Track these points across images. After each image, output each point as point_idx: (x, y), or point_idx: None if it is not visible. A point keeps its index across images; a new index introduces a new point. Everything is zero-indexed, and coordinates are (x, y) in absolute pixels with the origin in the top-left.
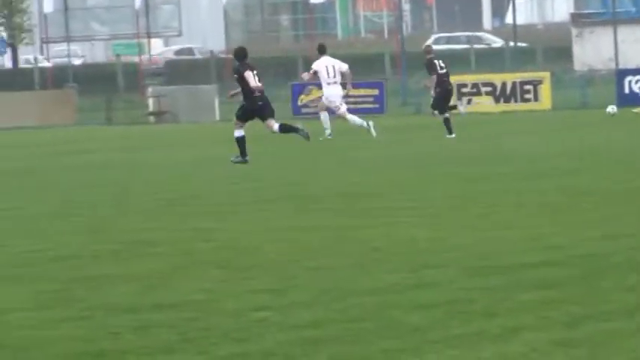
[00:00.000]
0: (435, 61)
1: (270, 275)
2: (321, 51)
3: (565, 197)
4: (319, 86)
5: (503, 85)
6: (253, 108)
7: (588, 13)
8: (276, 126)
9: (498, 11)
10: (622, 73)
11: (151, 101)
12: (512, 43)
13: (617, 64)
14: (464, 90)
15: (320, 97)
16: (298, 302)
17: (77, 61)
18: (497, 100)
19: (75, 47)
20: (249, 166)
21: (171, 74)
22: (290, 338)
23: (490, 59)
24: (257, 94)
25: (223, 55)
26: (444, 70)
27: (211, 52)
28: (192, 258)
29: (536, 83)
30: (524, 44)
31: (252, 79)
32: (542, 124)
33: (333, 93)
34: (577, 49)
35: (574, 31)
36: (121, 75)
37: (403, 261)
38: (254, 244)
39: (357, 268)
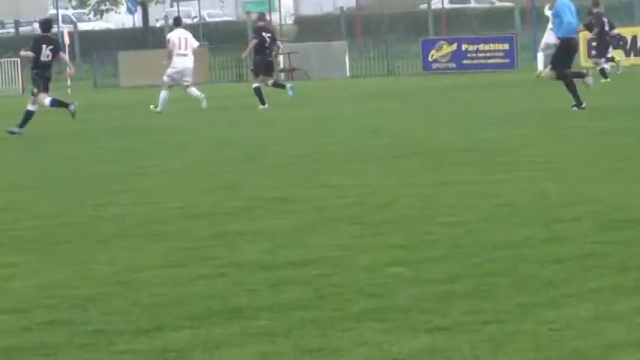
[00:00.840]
0: (604, 19)
1: (403, 231)
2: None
3: None
4: (449, 41)
5: (634, 38)
6: None
7: None
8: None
9: None
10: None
11: (281, 58)
12: None
13: None
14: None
15: (450, 53)
16: (431, 257)
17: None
18: (627, 54)
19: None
20: (380, 122)
21: (300, 31)
22: (424, 293)
23: (619, 12)
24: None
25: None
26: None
27: (342, 8)
28: (326, 214)
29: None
30: None
31: None
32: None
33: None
34: None
35: None
36: (250, 33)
37: (535, 215)
38: (387, 199)
39: (490, 223)
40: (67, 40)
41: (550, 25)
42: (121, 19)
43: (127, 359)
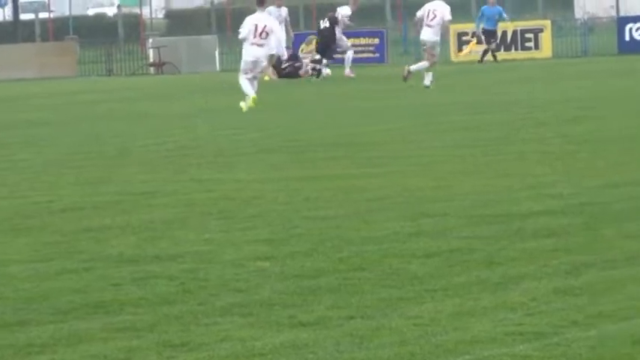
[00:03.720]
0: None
1: (270, 225)
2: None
3: (566, 145)
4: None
5: (504, 33)
6: None
7: None
8: None
9: None
10: (623, 21)
11: (151, 52)
12: None
13: (617, 12)
14: (465, 38)
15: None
16: (298, 252)
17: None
18: (498, 49)
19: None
20: (250, 116)
21: (171, 24)
22: (289, 288)
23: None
24: None
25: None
26: None
27: (212, 1)
28: (193, 209)
29: (537, 31)
30: None
31: None
32: (543, 73)
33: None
34: None
35: None
36: (121, 26)
37: (403, 210)
38: (254, 194)
39: (357, 217)
40: None
41: (427, 22)
42: None
43: None
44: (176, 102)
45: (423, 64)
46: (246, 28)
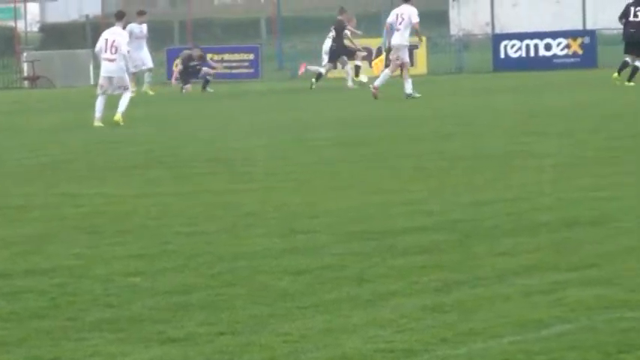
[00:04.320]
0: (631, 8)
1: (142, 240)
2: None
3: (440, 162)
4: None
5: (379, 49)
6: None
7: None
8: None
9: None
10: (498, 38)
11: (25, 66)
12: None
13: (492, 29)
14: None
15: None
16: (169, 268)
17: None
18: (372, 65)
19: None
20: (127, 130)
21: (46, 38)
22: (159, 304)
23: (368, 23)
24: None
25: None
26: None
27: (87, 15)
28: (64, 223)
29: (412, 48)
30: None
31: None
32: (419, 89)
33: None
34: (453, 14)
35: None
36: None
37: (275, 226)
38: (127, 209)
39: (230, 233)
40: None
41: (396, 26)
42: None
43: None
44: (50, 116)
45: (386, 73)
46: (99, 42)
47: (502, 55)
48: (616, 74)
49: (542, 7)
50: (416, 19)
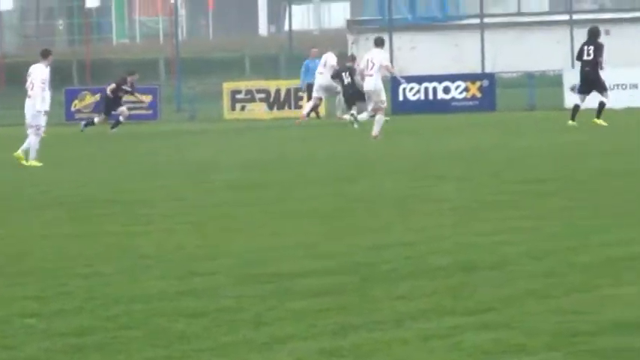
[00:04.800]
0: (584, 47)
1: (39, 282)
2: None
3: (339, 204)
4: (92, 91)
5: (277, 91)
6: None
7: (364, 20)
8: None
9: (275, 17)
10: (397, 81)
11: None
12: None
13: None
14: (238, 97)
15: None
16: (65, 309)
17: None
18: (270, 107)
19: None
20: (28, 171)
21: None
22: (55, 346)
23: (265, 65)
24: None
25: None
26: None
27: None
28: None
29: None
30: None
31: None
32: (319, 131)
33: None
34: None
35: (350, 38)
36: None
37: (172, 268)
38: (24, 250)
39: (127, 275)
40: None
41: (368, 72)
42: None
43: None
44: None
45: (380, 118)
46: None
47: (401, 98)
48: (570, 121)
49: (441, 50)
50: (385, 63)
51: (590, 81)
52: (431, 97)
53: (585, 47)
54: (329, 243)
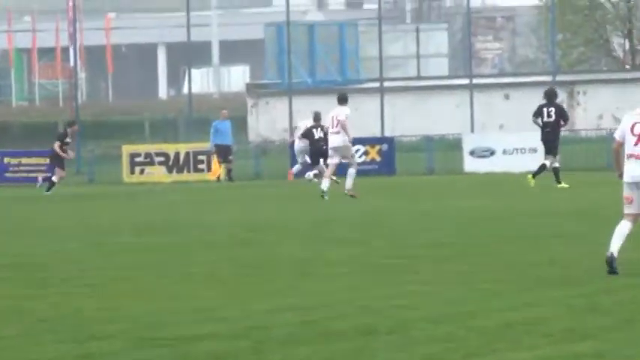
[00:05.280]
0: (544, 109)
1: None
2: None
3: (235, 269)
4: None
5: (177, 154)
6: None
7: (264, 84)
8: None
9: (174, 80)
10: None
11: None
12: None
13: (290, 135)
14: (137, 160)
15: None
16: None
17: None
18: (170, 170)
19: None
20: None
21: None
22: None
23: (164, 129)
24: None
25: None
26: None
27: None
28: None
29: (209, 154)
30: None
31: None
32: (215, 195)
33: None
34: (252, 120)
35: (250, 102)
36: None
37: (70, 332)
38: None
39: (24, 339)
40: None
41: (332, 130)
42: None
43: None
44: None
45: (351, 172)
46: None
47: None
48: (530, 176)
49: None
50: (341, 117)
51: (551, 141)
52: None
53: (545, 109)
54: (223, 307)
